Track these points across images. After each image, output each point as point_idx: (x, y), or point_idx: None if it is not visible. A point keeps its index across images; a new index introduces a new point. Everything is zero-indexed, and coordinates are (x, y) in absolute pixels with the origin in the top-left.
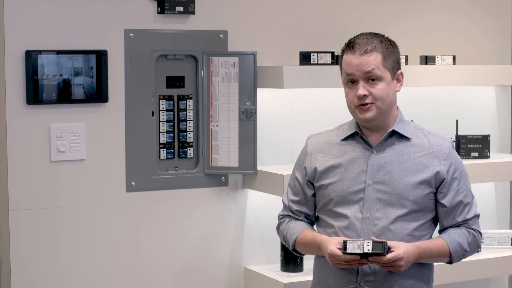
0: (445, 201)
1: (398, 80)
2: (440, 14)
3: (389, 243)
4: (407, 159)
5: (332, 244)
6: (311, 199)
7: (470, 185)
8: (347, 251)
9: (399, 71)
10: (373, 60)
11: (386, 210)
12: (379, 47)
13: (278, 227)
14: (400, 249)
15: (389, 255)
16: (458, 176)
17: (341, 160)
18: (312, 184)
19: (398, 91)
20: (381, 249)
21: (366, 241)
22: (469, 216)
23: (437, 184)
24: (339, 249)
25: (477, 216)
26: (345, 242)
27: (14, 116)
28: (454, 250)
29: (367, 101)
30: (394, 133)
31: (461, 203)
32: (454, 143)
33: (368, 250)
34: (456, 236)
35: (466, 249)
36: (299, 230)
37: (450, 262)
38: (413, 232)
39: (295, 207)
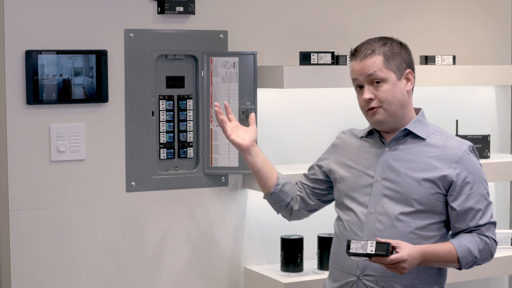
0: (455, 204)
1: (408, 80)
2: (440, 14)
3: (395, 243)
4: (416, 158)
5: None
6: (314, 181)
7: (487, 191)
8: (351, 251)
9: (407, 70)
10: (374, 63)
11: (391, 207)
12: (379, 49)
13: None
14: (405, 251)
15: (393, 256)
16: (471, 181)
17: (356, 155)
18: (326, 175)
19: (408, 90)
20: (384, 250)
21: (369, 242)
22: (482, 222)
23: (447, 187)
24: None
25: (492, 223)
26: (348, 241)
27: (14, 116)
28: (463, 256)
29: (373, 104)
30: (409, 133)
31: (472, 209)
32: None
33: (371, 251)
34: (466, 242)
35: (476, 256)
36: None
37: (460, 268)
38: (417, 231)
39: (303, 179)
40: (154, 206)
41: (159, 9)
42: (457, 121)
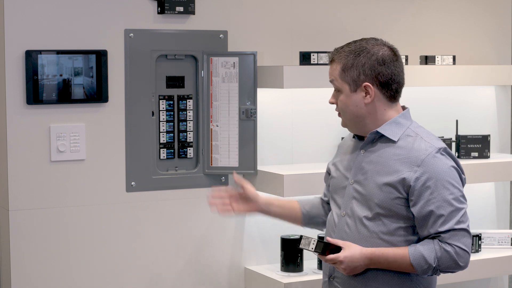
0: (414, 209)
1: (367, 93)
2: (440, 14)
3: (341, 243)
4: (383, 161)
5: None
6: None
7: (454, 196)
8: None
9: (364, 83)
10: (333, 71)
11: (357, 210)
12: (340, 59)
13: None
14: (344, 252)
15: (328, 256)
16: (432, 186)
17: (342, 157)
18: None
19: (367, 103)
20: (320, 249)
21: (313, 239)
22: (442, 229)
23: (407, 191)
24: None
25: (459, 230)
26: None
27: (14, 116)
28: (417, 263)
29: (336, 109)
30: (382, 135)
31: (432, 214)
32: (453, 147)
33: (312, 248)
34: (422, 249)
35: (430, 264)
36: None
37: (419, 275)
38: (383, 236)
39: (324, 191)
40: (154, 206)
41: (159, 9)
42: (457, 121)
